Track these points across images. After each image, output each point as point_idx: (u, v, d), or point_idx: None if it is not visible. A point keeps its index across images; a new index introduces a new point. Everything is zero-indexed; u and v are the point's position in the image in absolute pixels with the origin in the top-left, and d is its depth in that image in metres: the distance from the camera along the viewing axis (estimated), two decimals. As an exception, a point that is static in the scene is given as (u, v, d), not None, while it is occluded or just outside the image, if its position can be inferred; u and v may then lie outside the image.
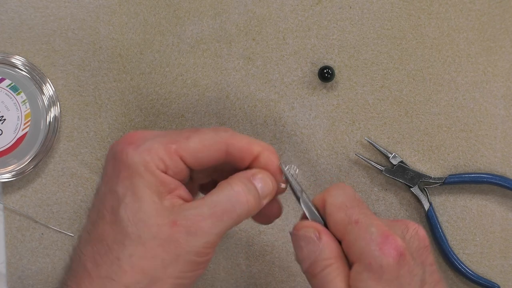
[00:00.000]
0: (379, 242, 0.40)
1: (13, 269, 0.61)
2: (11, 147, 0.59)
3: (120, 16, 0.60)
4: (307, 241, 0.42)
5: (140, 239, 0.39)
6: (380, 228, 0.41)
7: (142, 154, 0.41)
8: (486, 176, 0.59)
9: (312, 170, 0.60)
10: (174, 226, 0.39)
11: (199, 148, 0.42)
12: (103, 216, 0.41)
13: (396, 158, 0.59)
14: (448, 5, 0.60)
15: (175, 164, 0.42)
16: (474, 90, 0.60)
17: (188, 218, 0.40)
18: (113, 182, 0.41)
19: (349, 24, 0.60)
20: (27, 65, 0.60)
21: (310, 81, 0.60)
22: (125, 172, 0.41)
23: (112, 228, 0.40)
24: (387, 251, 0.40)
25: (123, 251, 0.39)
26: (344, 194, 0.43)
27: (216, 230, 0.40)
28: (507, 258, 0.60)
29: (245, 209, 0.42)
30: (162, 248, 0.39)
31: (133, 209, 0.40)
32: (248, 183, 0.42)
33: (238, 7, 0.60)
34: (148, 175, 0.40)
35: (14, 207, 0.60)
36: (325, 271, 0.41)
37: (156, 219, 0.40)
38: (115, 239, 0.39)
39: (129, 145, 0.41)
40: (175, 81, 0.60)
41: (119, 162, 0.41)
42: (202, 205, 0.41)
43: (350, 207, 0.42)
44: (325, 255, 0.42)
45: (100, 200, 0.42)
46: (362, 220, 0.41)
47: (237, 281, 0.61)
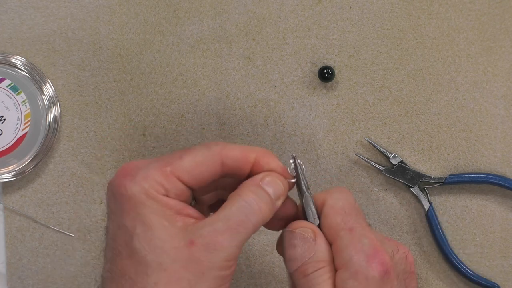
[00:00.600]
0: (368, 254, 0.40)
1: (13, 269, 0.61)
2: (11, 147, 0.59)
3: (120, 16, 0.60)
4: (303, 241, 0.42)
5: (161, 266, 0.39)
6: (372, 242, 0.41)
7: (140, 183, 0.41)
8: (486, 176, 0.59)
9: (312, 170, 0.60)
10: (192, 246, 0.39)
11: (194, 165, 0.42)
12: (119, 253, 0.40)
13: (396, 158, 0.59)
14: (448, 5, 0.60)
15: (174, 185, 0.42)
16: (474, 90, 0.60)
17: (205, 235, 0.40)
18: (119, 218, 0.41)
19: (349, 24, 0.60)
20: (27, 65, 0.60)
21: (310, 81, 0.60)
22: (128, 205, 0.41)
23: (131, 261, 0.40)
24: (375, 265, 0.40)
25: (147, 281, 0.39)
26: (345, 199, 0.43)
27: (234, 242, 0.40)
28: (507, 258, 0.60)
29: (259, 217, 0.42)
30: (185, 269, 0.39)
31: (147, 238, 0.40)
32: (258, 189, 0.42)
33: (238, 7, 0.60)
34: (151, 202, 0.40)
35: (14, 207, 0.60)
36: (316, 273, 0.42)
37: (172, 242, 0.39)
38: (137, 271, 0.39)
39: (125, 178, 0.41)
40: (175, 81, 0.60)
41: (119, 197, 0.41)
42: (216, 221, 0.41)
43: (348, 214, 0.42)
44: (319, 257, 0.42)
45: (112, 238, 0.42)
46: (357, 229, 0.42)
47: (237, 281, 0.61)
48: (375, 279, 0.40)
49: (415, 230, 0.60)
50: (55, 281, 0.61)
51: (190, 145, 0.61)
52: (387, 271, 0.40)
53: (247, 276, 0.61)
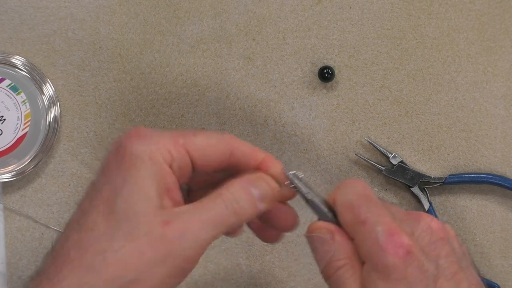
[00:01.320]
0: (383, 241, 0.39)
1: (13, 269, 0.61)
2: (11, 147, 0.59)
3: (120, 16, 0.60)
4: (321, 243, 0.42)
5: (130, 235, 0.38)
6: (387, 226, 0.40)
7: (149, 144, 0.40)
8: (486, 176, 0.59)
9: (312, 170, 0.60)
10: (167, 226, 0.39)
11: (206, 145, 0.42)
12: (97, 206, 0.40)
13: (396, 158, 0.59)
14: (448, 5, 0.60)
15: (181, 157, 0.41)
16: (474, 90, 0.60)
17: (182, 219, 0.39)
18: (112, 173, 0.40)
19: (349, 24, 0.60)
20: (27, 65, 0.60)
21: (310, 81, 0.60)
22: (127, 162, 0.40)
23: (105, 219, 0.39)
24: (392, 250, 0.39)
25: (111, 244, 0.38)
26: (352, 192, 0.42)
27: (206, 235, 0.39)
28: (507, 258, 0.60)
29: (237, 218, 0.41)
30: (152, 247, 0.38)
31: (129, 202, 0.39)
32: (241, 191, 0.41)
33: (238, 7, 0.60)
34: (151, 165, 0.40)
35: (14, 207, 0.60)
36: (339, 271, 0.41)
37: (150, 217, 0.39)
38: (105, 231, 0.39)
39: (134, 137, 0.41)
40: (175, 81, 0.60)
41: (123, 152, 0.40)
42: (195, 209, 0.40)
43: (357, 206, 0.41)
44: (339, 255, 0.41)
45: (95, 190, 0.41)
46: (369, 219, 0.40)
47: (237, 281, 0.61)
48: (396, 264, 0.38)
49: (415, 230, 0.60)
50: (55, 281, 0.61)
51: (190, 145, 0.60)
52: (408, 251, 0.39)
53: (247, 276, 0.61)
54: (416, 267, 0.39)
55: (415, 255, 0.39)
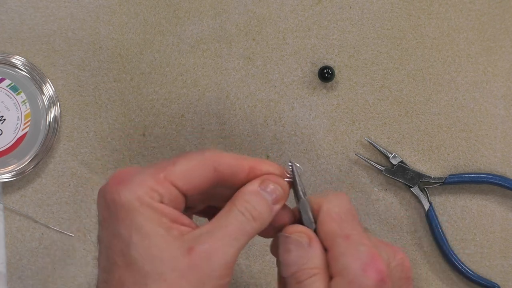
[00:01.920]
0: (365, 262, 0.40)
1: (13, 269, 0.61)
2: (11, 147, 0.59)
3: (120, 16, 0.60)
4: (298, 246, 0.42)
5: (161, 276, 0.38)
6: (369, 249, 0.40)
7: (134, 189, 0.40)
8: (486, 176, 0.59)
9: (312, 170, 0.60)
10: (191, 253, 0.39)
11: (187, 170, 0.42)
12: (115, 262, 0.40)
13: (396, 158, 0.59)
14: (448, 5, 0.60)
15: (168, 191, 0.41)
16: (474, 90, 0.60)
17: (203, 242, 0.39)
18: (114, 226, 0.40)
19: (349, 24, 0.60)
20: (27, 65, 0.60)
21: (310, 81, 0.60)
22: (122, 213, 0.40)
23: (128, 271, 0.39)
24: (370, 273, 0.40)
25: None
26: (341, 205, 0.43)
27: (232, 249, 0.40)
28: (507, 258, 0.60)
29: (256, 224, 0.41)
30: (185, 279, 0.38)
31: (144, 247, 0.39)
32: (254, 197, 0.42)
33: (238, 7, 0.60)
34: (145, 209, 0.40)
35: (14, 207, 0.60)
36: (311, 279, 0.41)
37: (170, 251, 0.39)
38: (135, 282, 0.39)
39: (118, 185, 0.40)
40: (175, 81, 0.60)
41: (112, 204, 0.40)
42: (213, 228, 0.40)
43: (344, 220, 0.42)
44: (313, 263, 0.41)
45: (107, 247, 0.41)
46: (353, 236, 0.41)
47: (237, 281, 0.61)
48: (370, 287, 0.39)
49: (415, 230, 0.60)
50: (55, 281, 0.61)
51: (190, 145, 0.61)
52: (382, 279, 0.40)
53: (247, 276, 0.61)
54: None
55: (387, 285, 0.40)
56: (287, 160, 0.60)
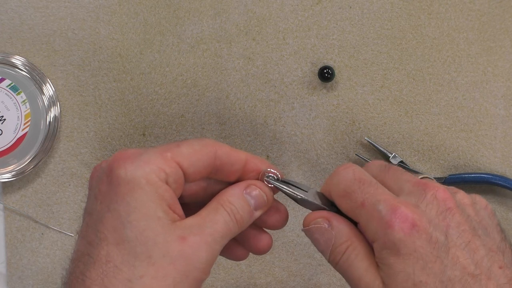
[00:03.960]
0: (387, 219, 0.39)
1: (13, 269, 0.61)
2: (11, 147, 0.59)
3: (120, 16, 0.60)
4: (321, 232, 0.42)
5: (150, 259, 0.38)
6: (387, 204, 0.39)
7: (142, 166, 0.40)
8: (486, 176, 0.59)
9: (312, 170, 0.60)
10: (184, 242, 0.39)
11: (192, 152, 0.42)
12: (105, 237, 0.39)
13: (396, 158, 0.59)
14: (448, 5, 0.60)
15: (174, 171, 0.41)
16: (474, 90, 0.60)
17: (196, 234, 0.39)
18: (111, 200, 0.40)
19: (349, 24, 0.60)
20: (27, 65, 0.60)
21: (310, 81, 0.60)
22: (125, 188, 0.39)
23: (119, 249, 0.39)
24: (397, 226, 0.38)
25: (133, 272, 0.38)
26: (342, 180, 0.42)
27: (218, 246, 0.40)
28: (507, 258, 0.60)
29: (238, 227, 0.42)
30: (173, 266, 0.38)
31: (140, 228, 0.39)
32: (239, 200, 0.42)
33: (238, 7, 0.60)
34: (150, 188, 0.39)
35: (14, 207, 0.60)
36: (344, 255, 0.41)
37: (165, 236, 0.39)
38: (123, 260, 0.38)
39: (126, 160, 0.40)
40: (175, 81, 0.60)
41: (116, 179, 0.40)
42: (204, 222, 0.40)
43: (352, 192, 0.41)
44: (341, 239, 0.41)
45: (97, 220, 0.40)
46: (367, 200, 0.40)
47: (237, 281, 0.61)
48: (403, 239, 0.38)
49: (415, 230, 0.60)
50: (55, 281, 0.61)
51: (190, 145, 0.61)
52: (413, 224, 0.38)
53: (247, 276, 0.61)
54: (425, 240, 0.38)
55: (421, 228, 0.39)
56: (287, 160, 0.60)
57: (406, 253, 0.38)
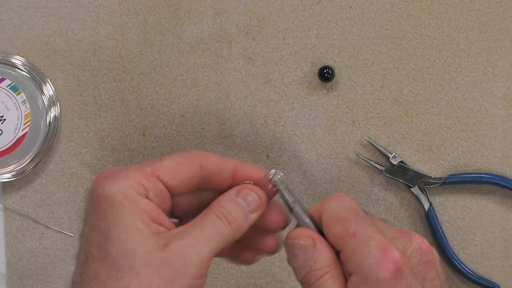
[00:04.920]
0: (376, 256, 0.39)
1: (13, 269, 0.61)
2: (11, 147, 0.59)
3: (120, 16, 0.60)
4: (302, 250, 0.42)
5: (133, 270, 0.38)
6: (379, 242, 0.40)
7: (119, 183, 0.40)
8: (486, 176, 0.59)
9: (312, 170, 0.60)
10: (166, 249, 0.39)
11: (173, 165, 0.42)
12: (92, 255, 0.40)
13: (396, 158, 0.59)
14: (448, 5, 0.60)
15: (153, 185, 0.41)
16: (474, 90, 0.60)
17: (179, 239, 0.39)
18: (94, 219, 0.40)
19: (349, 24, 0.60)
20: (27, 65, 0.60)
21: (310, 81, 0.60)
22: (104, 206, 0.40)
23: (103, 264, 0.39)
24: (384, 266, 0.39)
25: (117, 285, 0.38)
26: (340, 206, 0.42)
27: (206, 248, 0.40)
28: (507, 258, 0.60)
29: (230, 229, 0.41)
30: (157, 274, 0.38)
31: (120, 241, 0.39)
32: (231, 203, 0.42)
33: (238, 7, 0.60)
34: (128, 202, 0.40)
35: (14, 207, 0.60)
36: (321, 279, 0.41)
37: (146, 246, 0.39)
38: (108, 274, 0.39)
39: (104, 179, 0.41)
40: (175, 81, 0.60)
41: (97, 198, 0.40)
42: (190, 228, 0.40)
43: (347, 220, 0.41)
44: (321, 263, 0.41)
45: (85, 241, 0.41)
46: (360, 232, 0.41)
47: (237, 281, 0.61)
48: (387, 280, 0.39)
49: (415, 230, 0.60)
50: (55, 281, 0.61)
51: (190, 145, 0.61)
52: (399, 268, 0.39)
53: (247, 276, 0.61)
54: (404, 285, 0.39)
55: (404, 273, 0.39)
56: (287, 160, 0.60)
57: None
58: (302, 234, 0.43)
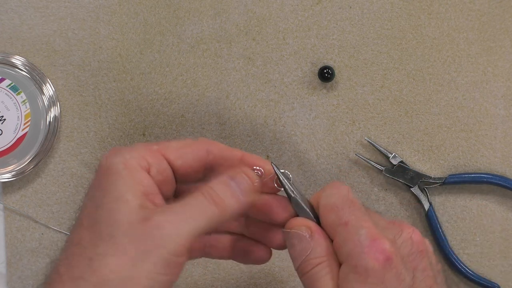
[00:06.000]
0: (366, 245, 0.40)
1: (13, 269, 0.61)
2: (11, 147, 0.59)
3: (120, 16, 0.60)
4: (299, 239, 0.42)
5: (112, 238, 0.39)
6: (370, 231, 0.40)
7: (123, 155, 0.41)
8: (486, 176, 0.59)
9: (312, 170, 0.60)
10: (146, 222, 0.39)
11: (180, 146, 0.43)
12: (81, 223, 0.40)
13: (396, 158, 0.59)
14: (448, 5, 0.60)
15: (157, 161, 0.42)
16: (474, 90, 0.60)
17: (160, 214, 0.39)
18: (93, 190, 0.41)
19: (349, 24, 0.60)
20: (27, 65, 0.60)
21: (310, 81, 0.60)
22: (104, 176, 0.41)
23: (88, 231, 0.40)
24: (373, 255, 0.39)
25: (95, 251, 0.39)
26: (337, 194, 0.43)
27: (187, 226, 0.39)
28: (507, 258, 0.60)
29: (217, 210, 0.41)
30: (133, 244, 0.38)
31: (109, 210, 0.39)
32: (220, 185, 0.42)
33: (238, 7, 0.60)
34: (126, 173, 0.40)
35: (14, 207, 0.60)
36: (315, 269, 0.41)
37: (129, 217, 0.39)
38: (90, 240, 0.39)
39: (111, 153, 0.42)
40: (175, 81, 0.60)
41: (99, 169, 0.41)
42: (175, 206, 0.40)
43: (341, 209, 0.42)
44: (316, 253, 0.42)
45: (81, 211, 0.42)
46: (352, 221, 0.41)
47: (237, 281, 0.61)
48: (375, 268, 0.39)
49: (415, 230, 0.60)
50: (55, 281, 0.61)
51: (190, 145, 0.61)
52: (388, 257, 0.39)
53: (247, 276, 0.61)
54: (394, 274, 0.39)
55: (394, 263, 0.40)
56: (287, 160, 0.60)
57: (373, 283, 0.39)
58: (300, 223, 0.43)
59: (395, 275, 0.39)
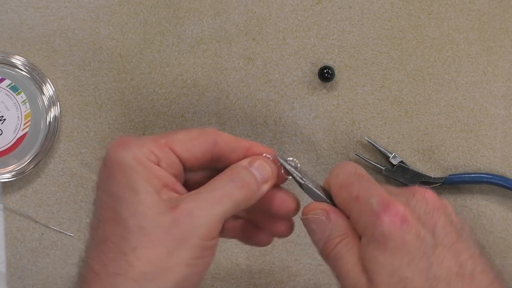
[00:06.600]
0: (379, 211, 0.39)
1: (13, 269, 0.61)
2: (11, 147, 0.59)
3: (120, 16, 0.60)
4: (317, 223, 0.42)
5: (142, 230, 0.39)
6: (381, 198, 0.40)
7: (133, 150, 0.41)
8: (486, 176, 0.59)
9: (312, 170, 0.60)
10: (175, 210, 0.39)
11: (188, 138, 0.43)
12: (104, 219, 0.41)
13: (396, 158, 0.59)
14: (448, 5, 0.60)
15: (166, 155, 0.42)
16: (474, 90, 0.60)
17: (188, 201, 0.40)
18: (108, 184, 0.41)
19: (349, 24, 0.60)
20: (27, 65, 0.60)
21: (310, 81, 0.60)
22: (117, 170, 0.41)
23: (114, 226, 0.40)
24: (388, 219, 0.39)
25: (128, 245, 0.39)
26: (343, 172, 0.43)
27: (216, 210, 0.40)
28: (507, 258, 0.60)
29: (242, 194, 0.41)
30: (166, 234, 0.39)
31: (132, 203, 0.40)
32: (243, 170, 0.42)
33: (238, 7, 0.60)
34: (141, 168, 0.40)
35: (14, 207, 0.60)
36: (336, 248, 0.41)
37: (156, 208, 0.39)
38: (118, 235, 0.39)
39: (118, 146, 0.42)
40: (175, 81, 0.60)
41: (110, 164, 0.41)
42: (200, 191, 0.41)
43: (350, 183, 0.42)
44: (335, 232, 0.42)
45: (98, 206, 0.42)
46: (362, 193, 0.41)
47: (237, 281, 0.61)
48: (393, 232, 0.38)
49: (415, 230, 0.60)
50: (55, 281, 0.61)
51: (190, 145, 0.61)
52: (404, 219, 0.39)
53: (247, 276, 0.61)
54: (414, 235, 0.39)
55: (411, 223, 0.39)
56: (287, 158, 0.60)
57: (393, 247, 0.39)
58: (315, 207, 0.43)
59: (414, 235, 0.39)
